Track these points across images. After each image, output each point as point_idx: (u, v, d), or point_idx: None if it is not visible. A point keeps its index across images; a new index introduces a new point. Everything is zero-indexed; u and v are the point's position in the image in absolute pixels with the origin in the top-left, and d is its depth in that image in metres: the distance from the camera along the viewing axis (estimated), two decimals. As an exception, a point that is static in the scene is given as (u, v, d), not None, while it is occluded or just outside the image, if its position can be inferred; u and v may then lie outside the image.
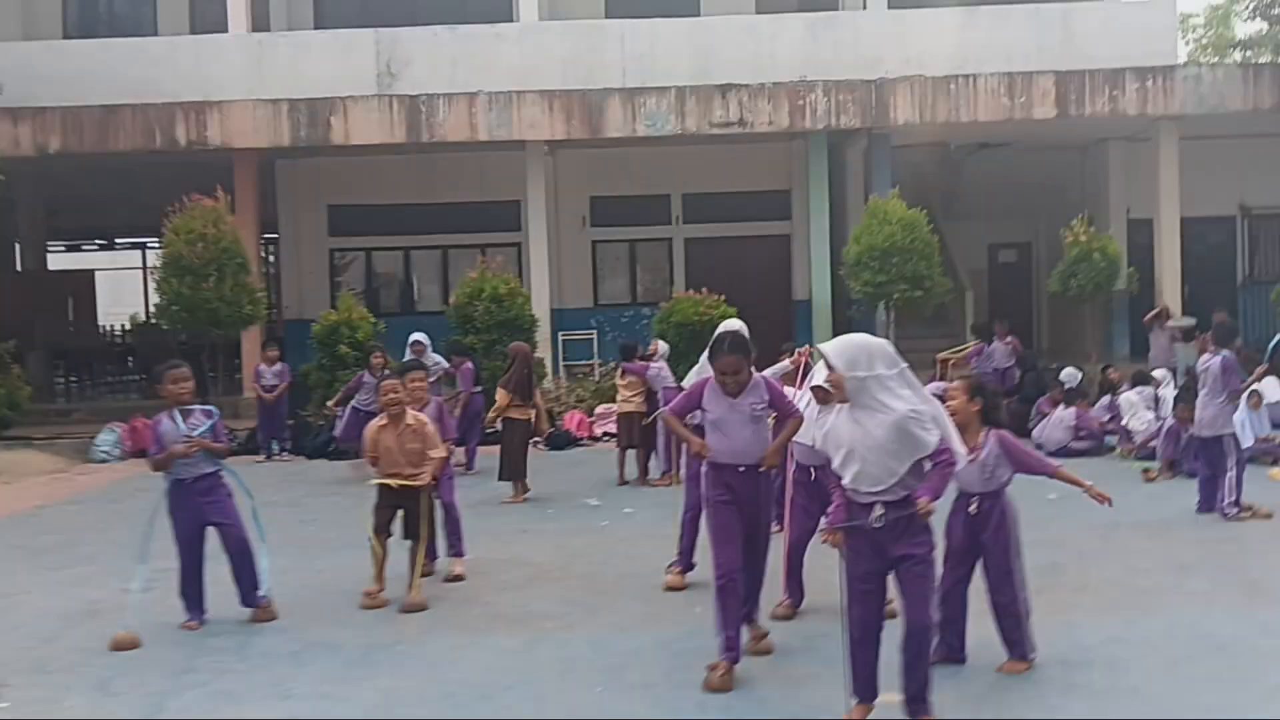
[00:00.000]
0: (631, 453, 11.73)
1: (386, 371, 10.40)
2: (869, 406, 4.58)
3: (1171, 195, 18.22)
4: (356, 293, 18.55)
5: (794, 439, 5.93)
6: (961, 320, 19.51)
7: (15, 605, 7.33)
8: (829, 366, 4.65)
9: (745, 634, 5.72)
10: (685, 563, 7.33)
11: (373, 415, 12.19)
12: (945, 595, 5.44)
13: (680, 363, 15.15)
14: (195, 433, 6.52)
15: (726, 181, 20.10)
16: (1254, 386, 11.73)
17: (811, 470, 6.41)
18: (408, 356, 12.32)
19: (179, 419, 6.56)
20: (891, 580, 4.78)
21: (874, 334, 16.77)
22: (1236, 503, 9.01)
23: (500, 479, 10.83)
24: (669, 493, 10.40)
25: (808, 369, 7.09)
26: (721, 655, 5.44)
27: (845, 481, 4.67)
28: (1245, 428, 11.58)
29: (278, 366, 14.69)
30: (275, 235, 21.43)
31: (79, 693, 5.57)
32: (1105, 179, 20.41)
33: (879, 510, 4.59)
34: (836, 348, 4.65)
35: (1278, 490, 10.26)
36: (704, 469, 5.76)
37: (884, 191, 17.43)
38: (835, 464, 4.70)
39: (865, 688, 4.72)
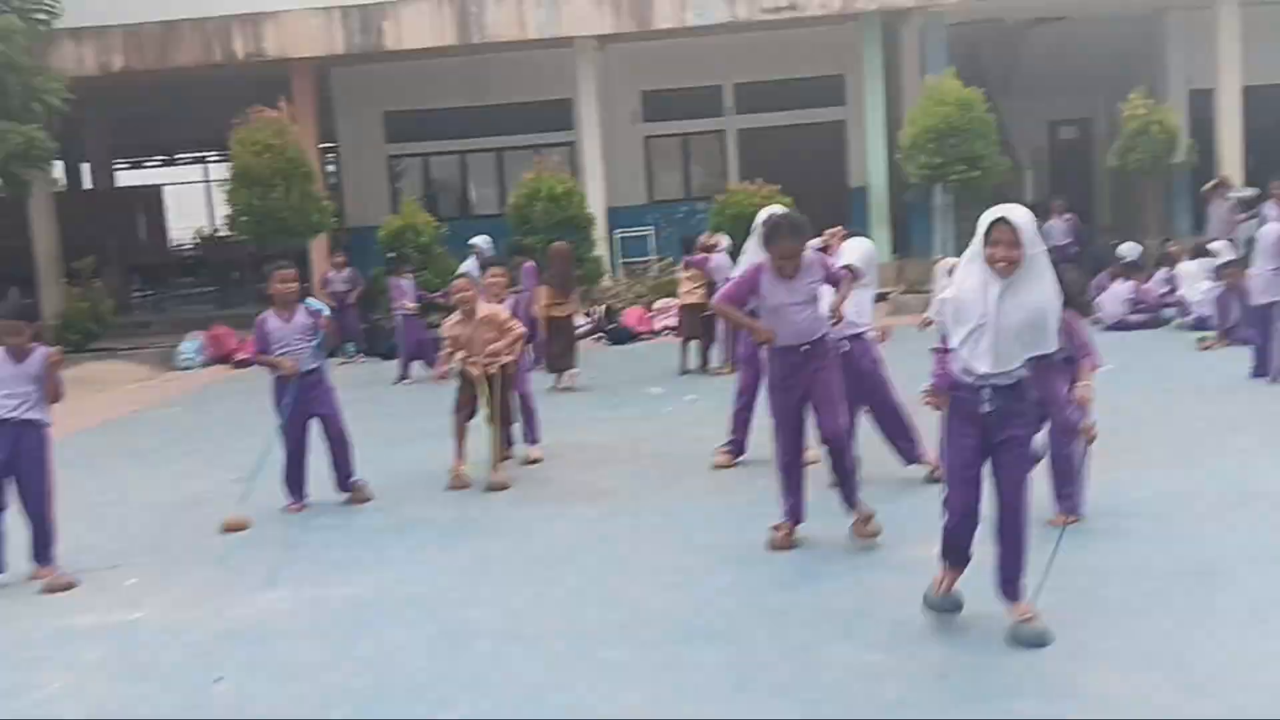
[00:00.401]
0: (694, 344, 12.06)
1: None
2: (1026, 285, 4.27)
3: (1232, 64, 17.84)
4: (417, 199, 18.90)
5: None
6: (1021, 200, 19.42)
7: (127, 499, 7.90)
8: (1015, 237, 4.22)
9: (849, 517, 5.77)
10: (737, 448, 7.68)
11: (414, 320, 12.89)
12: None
13: (735, 255, 15.42)
14: (302, 331, 6.97)
15: (779, 69, 19.97)
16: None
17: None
18: (467, 261, 12.65)
19: (290, 317, 6.98)
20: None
21: (927, 217, 16.82)
22: None
23: (548, 370, 11.24)
24: (731, 380, 10.73)
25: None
26: (784, 518, 5.76)
27: (963, 357, 4.38)
28: None
29: (346, 272, 15.17)
30: (333, 145, 21.82)
31: (198, 566, 6.11)
32: (1164, 50, 19.96)
33: (988, 393, 4.36)
34: (1023, 216, 4.26)
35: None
36: (765, 353, 5.77)
37: (939, 72, 17.27)
38: (957, 338, 4.38)
39: (958, 557, 4.60)
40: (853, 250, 6.84)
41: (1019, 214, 4.27)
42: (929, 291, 15.87)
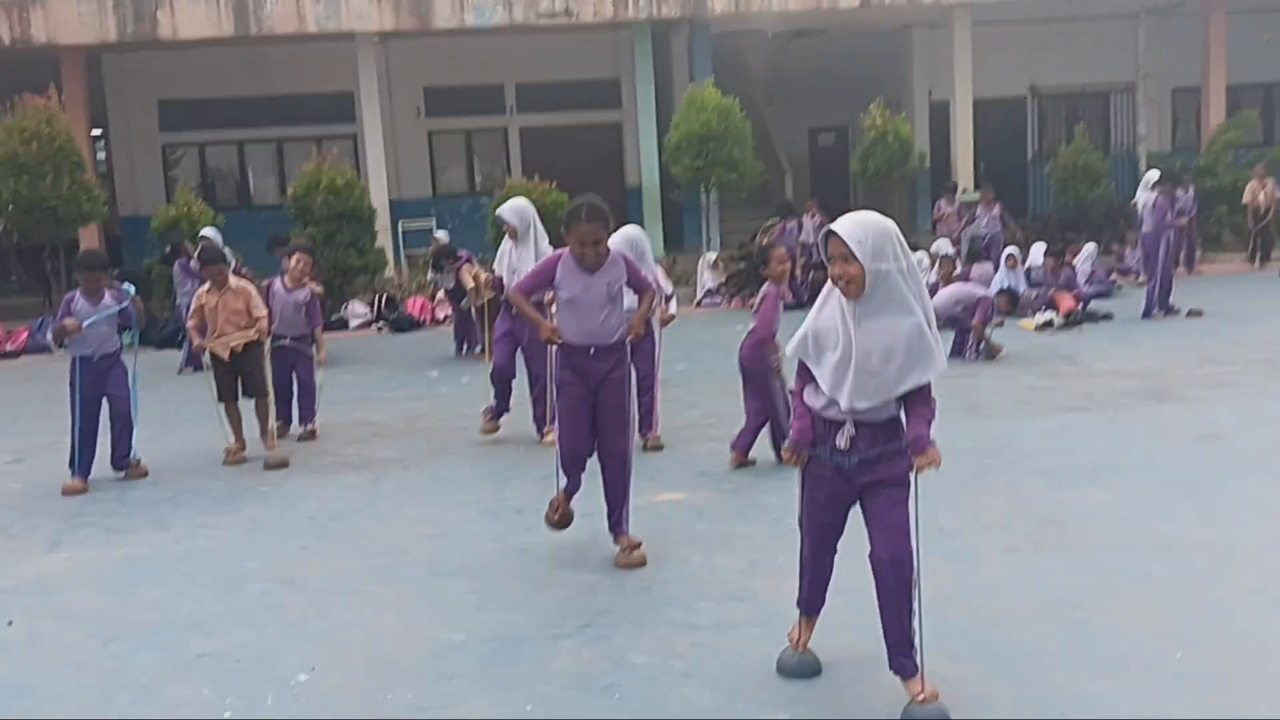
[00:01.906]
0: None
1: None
2: (885, 308, 3.65)
3: (965, 78, 19.79)
4: (192, 188, 18.78)
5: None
6: (779, 201, 20.95)
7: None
8: (849, 253, 3.59)
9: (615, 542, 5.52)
10: (496, 409, 8.23)
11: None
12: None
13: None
14: (104, 314, 7.31)
15: (558, 70, 20.84)
16: (1011, 250, 13.41)
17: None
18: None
19: (98, 301, 7.35)
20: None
21: (699, 216, 17.90)
22: (978, 348, 10.59)
23: None
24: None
25: None
26: (561, 491, 5.60)
27: (824, 395, 3.80)
28: (1005, 286, 13.32)
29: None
30: (102, 132, 21.33)
31: (-23, 538, 6.43)
32: (910, 64, 21.92)
33: (849, 431, 3.79)
34: (858, 231, 3.61)
35: (1026, 337, 11.96)
36: (555, 350, 5.45)
37: (703, 80, 18.49)
38: (818, 371, 3.82)
39: (813, 604, 4.22)
40: (619, 237, 7.67)
41: (849, 225, 3.64)
42: (695, 285, 17.09)
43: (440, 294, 14.92)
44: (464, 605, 5.02)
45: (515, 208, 8.21)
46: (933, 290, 12.72)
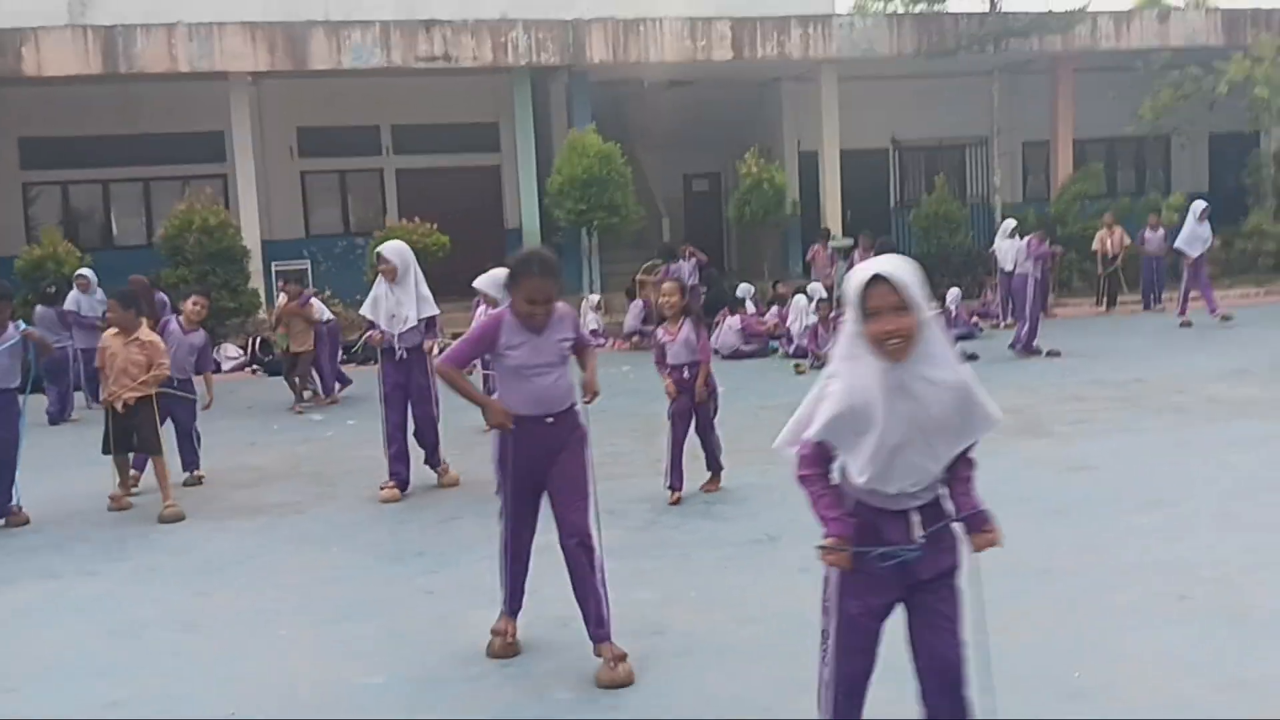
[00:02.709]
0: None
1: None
2: (929, 366, 3.06)
3: (832, 130, 20.54)
4: (55, 226, 18.10)
5: None
6: (660, 244, 21.30)
7: None
8: (903, 302, 2.99)
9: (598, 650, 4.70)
10: (401, 482, 7.80)
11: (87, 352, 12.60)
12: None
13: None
14: (6, 345, 7.06)
15: (436, 113, 20.84)
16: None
17: None
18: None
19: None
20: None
21: (580, 258, 18.12)
22: None
23: None
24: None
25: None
26: (505, 610, 4.89)
27: (866, 479, 3.15)
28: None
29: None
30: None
31: None
32: (780, 115, 22.60)
33: (916, 521, 3.18)
34: (908, 274, 3.04)
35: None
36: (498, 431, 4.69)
37: (584, 125, 18.77)
38: (852, 455, 3.17)
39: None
40: (489, 279, 7.74)
41: (897, 267, 3.05)
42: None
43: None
44: (378, 648, 4.99)
45: (396, 249, 8.00)
46: (813, 332, 13.17)
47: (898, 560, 3.16)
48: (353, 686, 4.55)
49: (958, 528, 3.24)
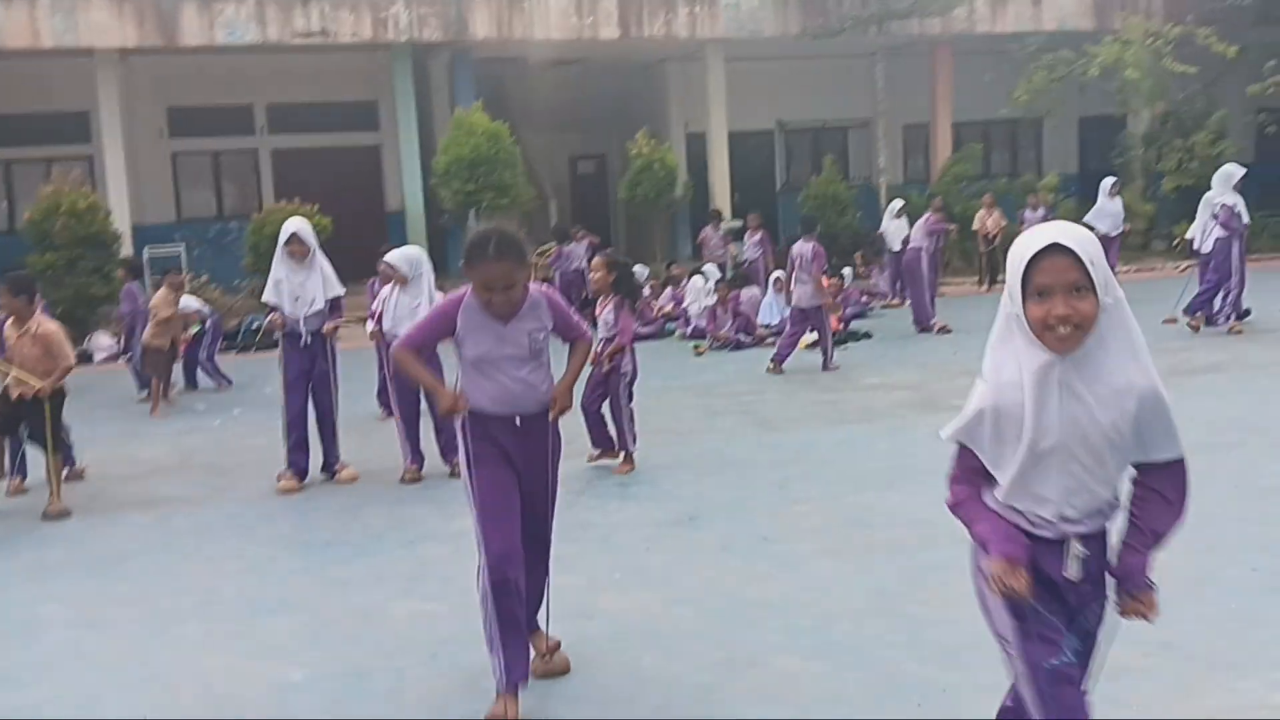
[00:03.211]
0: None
1: None
2: (1106, 360, 2.52)
3: (720, 112, 20.63)
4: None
5: None
6: (546, 227, 21.10)
7: None
8: (1083, 280, 2.46)
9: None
10: (293, 461, 7.49)
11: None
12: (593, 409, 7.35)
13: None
14: None
15: (313, 92, 20.26)
16: (778, 274, 14.02)
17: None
18: None
19: None
20: None
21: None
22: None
23: None
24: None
25: None
26: (502, 688, 3.91)
27: (1014, 496, 2.62)
28: (772, 308, 13.94)
29: None
30: None
31: None
32: (666, 96, 22.61)
33: (1077, 552, 2.61)
34: (1088, 245, 2.49)
35: (801, 355, 12.54)
36: (459, 423, 4.08)
37: (468, 104, 18.44)
38: (999, 468, 2.63)
39: None
40: (396, 256, 7.50)
41: (1074, 236, 2.50)
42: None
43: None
44: (294, 642, 4.78)
45: (306, 229, 7.43)
46: (711, 313, 13.17)
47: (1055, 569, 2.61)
48: (273, 683, 4.34)
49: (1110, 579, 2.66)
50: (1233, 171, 12.16)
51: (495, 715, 3.84)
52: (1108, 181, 16.00)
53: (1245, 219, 11.99)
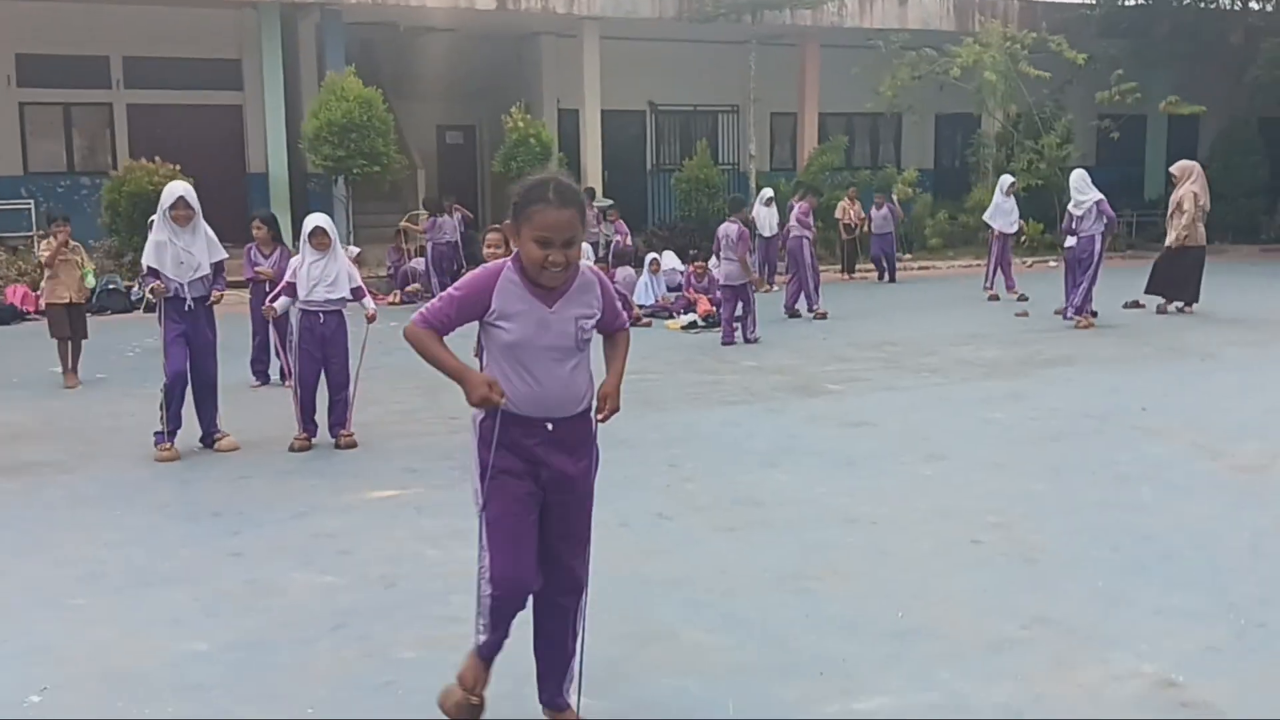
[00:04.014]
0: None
1: None
2: None
3: (594, 89, 20.66)
4: None
5: None
6: (415, 197, 20.79)
7: None
8: None
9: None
10: (172, 429, 7.29)
11: None
12: None
13: (134, 235, 14.96)
14: None
15: (173, 46, 19.50)
16: (654, 255, 14.21)
17: None
18: None
19: None
20: None
21: (331, 208, 17.56)
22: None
23: None
24: (148, 357, 10.66)
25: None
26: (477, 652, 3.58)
27: None
28: (648, 289, 14.10)
29: None
30: None
31: None
32: (539, 70, 22.50)
33: None
34: None
35: (675, 337, 12.74)
36: (478, 418, 3.44)
37: (337, 68, 18.01)
38: None
39: None
40: (316, 219, 7.39)
41: None
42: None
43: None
44: (190, 614, 4.68)
45: (192, 192, 7.23)
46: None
47: None
48: (175, 655, 4.25)
49: None
50: (1084, 173, 12.87)
51: (467, 673, 3.57)
52: (1005, 179, 16.32)
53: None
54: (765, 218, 16.48)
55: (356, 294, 7.62)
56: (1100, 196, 12.55)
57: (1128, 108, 21.55)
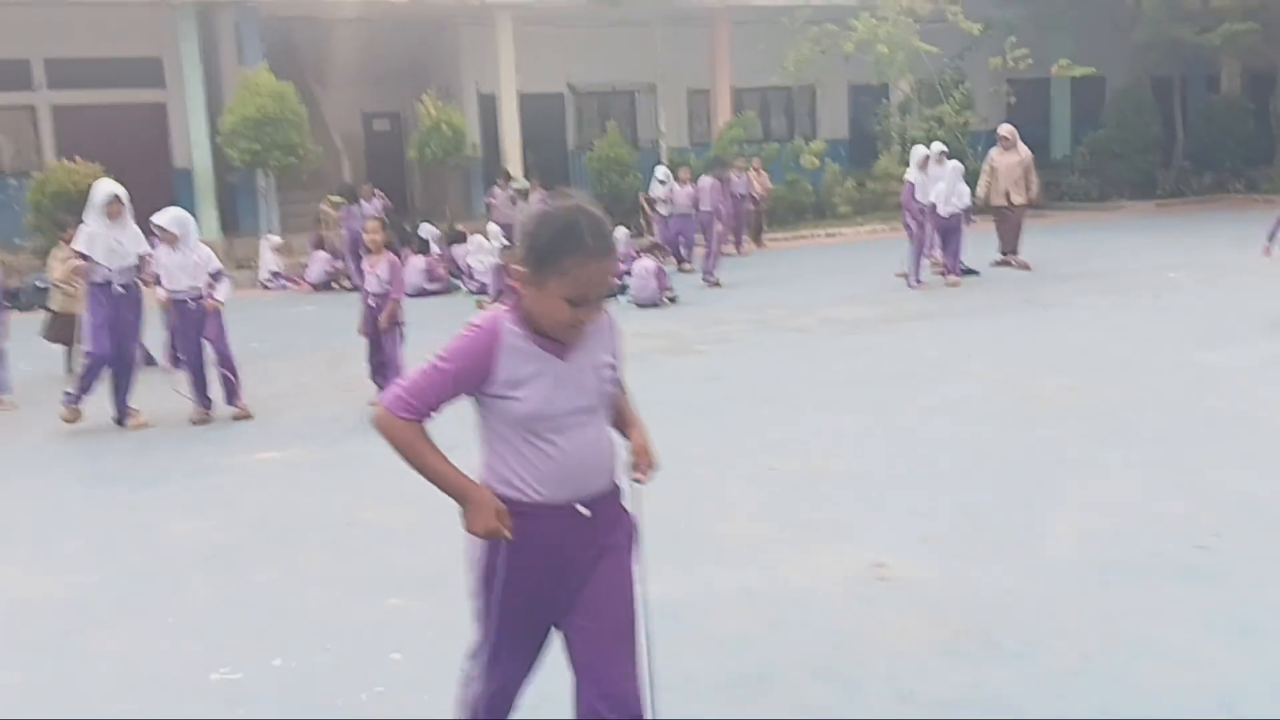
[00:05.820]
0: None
1: None
2: None
3: (509, 74, 21.31)
4: None
5: None
6: (341, 184, 21.36)
7: None
8: None
9: None
10: (81, 393, 8.01)
11: None
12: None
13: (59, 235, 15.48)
14: None
15: (95, 46, 19.91)
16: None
17: None
18: None
19: None
20: None
21: (255, 199, 18.11)
22: None
23: None
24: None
25: None
26: None
27: None
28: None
29: None
30: None
31: None
32: (458, 56, 23.11)
33: None
34: None
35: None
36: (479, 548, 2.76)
37: (255, 62, 18.59)
38: None
39: None
40: (166, 218, 8.06)
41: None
42: (257, 267, 17.26)
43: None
44: (86, 555, 5.47)
45: (122, 191, 8.10)
46: (496, 271, 14.01)
47: None
48: (66, 585, 5.04)
49: None
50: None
51: None
52: (918, 151, 14.41)
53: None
54: (668, 194, 17.24)
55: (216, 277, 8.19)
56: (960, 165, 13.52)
57: (1025, 72, 22.53)
